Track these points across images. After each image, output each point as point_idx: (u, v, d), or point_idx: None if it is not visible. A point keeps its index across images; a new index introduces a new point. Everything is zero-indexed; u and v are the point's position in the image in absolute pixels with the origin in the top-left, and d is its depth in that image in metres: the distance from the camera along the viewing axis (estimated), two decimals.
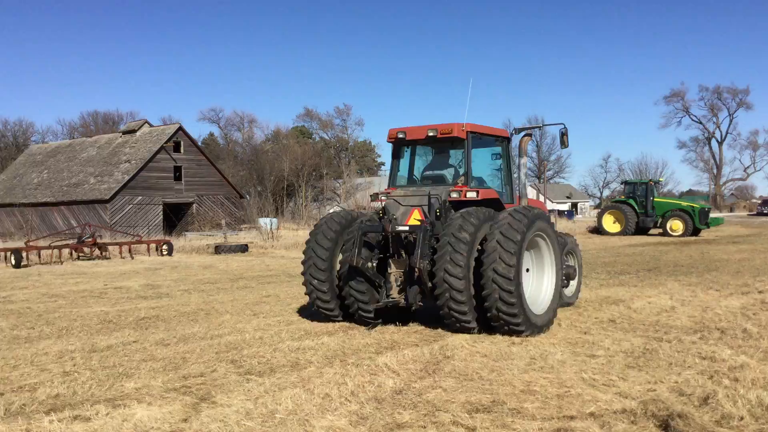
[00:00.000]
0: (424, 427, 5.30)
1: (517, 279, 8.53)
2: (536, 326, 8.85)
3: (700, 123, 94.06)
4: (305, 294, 10.46)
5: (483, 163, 10.61)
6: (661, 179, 32.46)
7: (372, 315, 9.62)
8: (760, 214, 68.16)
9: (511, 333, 8.69)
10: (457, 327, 8.97)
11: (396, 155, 10.62)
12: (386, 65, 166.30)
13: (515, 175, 10.98)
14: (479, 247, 8.87)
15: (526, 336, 8.66)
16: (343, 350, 8.30)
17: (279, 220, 56.13)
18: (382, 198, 10.20)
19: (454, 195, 9.57)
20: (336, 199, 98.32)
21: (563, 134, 10.70)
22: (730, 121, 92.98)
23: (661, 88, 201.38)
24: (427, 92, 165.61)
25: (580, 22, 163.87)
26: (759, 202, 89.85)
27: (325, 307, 10.08)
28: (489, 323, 8.85)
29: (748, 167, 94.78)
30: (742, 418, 5.10)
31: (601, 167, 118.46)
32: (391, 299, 9.52)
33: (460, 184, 9.82)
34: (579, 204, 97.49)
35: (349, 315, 10.00)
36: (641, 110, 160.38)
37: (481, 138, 10.28)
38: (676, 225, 32.64)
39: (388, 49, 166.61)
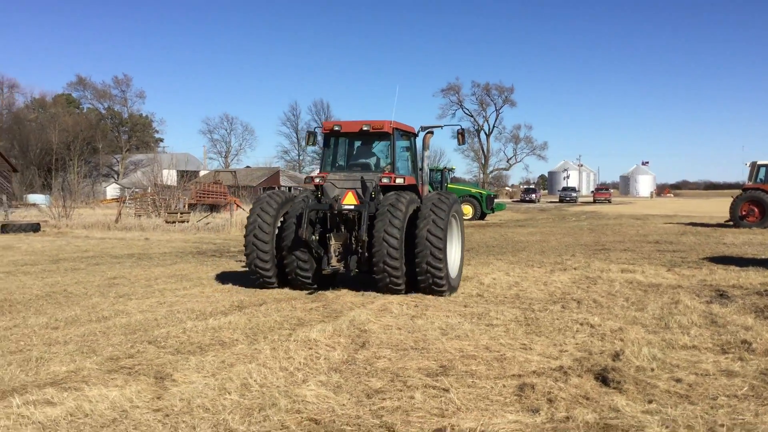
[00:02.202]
0: (401, 390, 5.87)
1: (446, 242, 10.46)
2: (452, 287, 10.97)
3: (472, 116, 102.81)
4: (245, 255, 11.48)
5: (398, 154, 12.07)
6: (453, 167, 35.39)
7: (310, 280, 11.17)
8: (523, 200, 76.62)
9: (433, 291, 10.61)
10: (388, 287, 10.62)
11: (327, 144, 12.14)
12: (171, 31, 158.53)
13: (420, 166, 12.83)
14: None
15: (446, 294, 10.64)
16: (257, 327, 8.49)
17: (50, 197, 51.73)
18: (317, 180, 11.62)
19: (385, 180, 11.25)
20: (113, 175, 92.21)
21: (460, 133, 12.90)
22: (497, 116, 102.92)
23: (439, 81, 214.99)
24: (201, 57, 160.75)
25: (360, 24, 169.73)
26: (511, 190, 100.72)
27: (263, 271, 11.32)
28: (415, 286, 10.75)
29: (510, 158, 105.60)
30: (652, 369, 6.36)
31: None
32: (333, 267, 11.01)
33: (387, 171, 11.52)
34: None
35: (284, 281, 11.50)
36: (422, 101, 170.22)
37: (400, 134, 12.00)
38: (466, 209, 35.79)
39: (166, 11, 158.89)
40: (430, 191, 13.21)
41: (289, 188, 71.64)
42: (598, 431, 4.88)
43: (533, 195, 78.50)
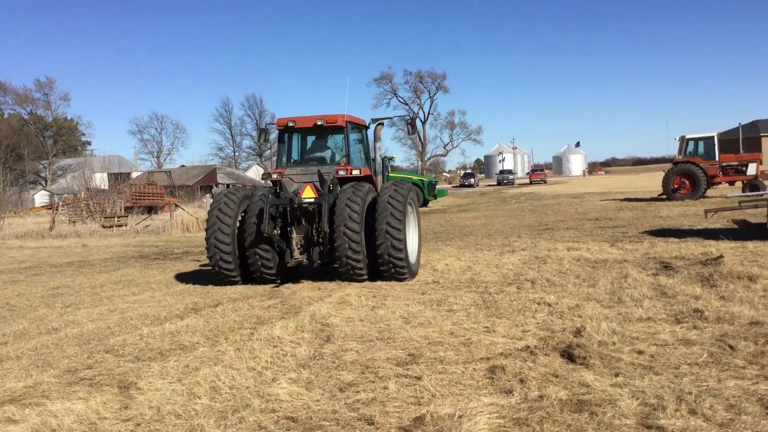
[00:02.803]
0: (374, 382, 5.85)
1: (404, 232, 10.88)
2: (412, 272, 11.41)
3: (406, 104, 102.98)
4: (207, 258, 11.64)
5: (352, 147, 12.39)
6: (393, 155, 35.40)
7: (274, 274, 11.37)
8: (462, 185, 77.45)
9: (395, 277, 11.00)
10: (351, 276, 11.01)
11: (282, 140, 12.50)
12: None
13: (372, 156, 13.13)
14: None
15: (407, 279, 11.08)
16: (216, 329, 8.33)
17: None
18: (275, 176, 11.86)
19: (342, 172, 11.62)
20: (40, 182, 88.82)
21: (410, 125, 14.39)
22: (431, 103, 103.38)
23: (372, 71, 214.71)
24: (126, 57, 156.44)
25: (289, 16, 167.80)
26: (449, 175, 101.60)
27: (227, 269, 11.45)
28: (377, 274, 11.12)
29: (447, 144, 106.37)
30: (614, 343, 6.53)
31: None
32: (296, 259, 11.23)
33: (343, 164, 11.94)
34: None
35: (248, 277, 11.67)
36: (356, 92, 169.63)
37: (352, 126, 12.36)
38: None
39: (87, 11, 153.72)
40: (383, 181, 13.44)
41: (252, 186, 70.70)
42: (573, 407, 4.97)
43: (472, 179, 79.48)
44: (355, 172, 11.72)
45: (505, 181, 79.29)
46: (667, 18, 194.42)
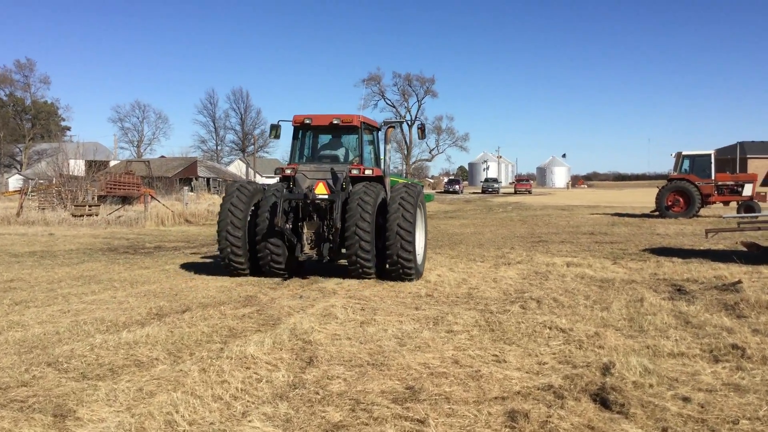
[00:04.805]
0: (367, 425, 4.78)
1: (414, 239, 11.04)
2: (419, 272, 11.56)
3: (394, 107, 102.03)
4: (218, 250, 11.70)
5: (364, 147, 12.54)
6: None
7: (282, 268, 11.40)
8: (447, 191, 76.50)
9: (403, 278, 11.11)
10: (359, 273, 11.14)
11: (296, 136, 12.57)
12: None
13: (382, 158, 13.06)
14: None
15: (413, 280, 11.21)
16: (180, 341, 7.20)
17: None
18: (288, 172, 11.96)
19: (355, 171, 11.76)
20: (15, 166, 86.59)
21: (421, 129, 13.67)
22: (419, 106, 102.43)
23: (360, 71, 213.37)
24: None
25: (280, 11, 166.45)
26: (432, 181, 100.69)
27: (237, 262, 11.58)
28: (383, 273, 11.43)
29: (432, 149, 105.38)
30: (651, 386, 5.51)
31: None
32: (306, 254, 11.32)
33: (356, 163, 12.09)
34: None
35: (256, 270, 11.74)
36: (344, 90, 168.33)
37: (365, 127, 12.52)
38: None
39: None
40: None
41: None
42: None
43: (456, 186, 78.64)
44: (368, 172, 11.86)
45: (490, 190, 78.55)
46: (655, 34, 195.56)
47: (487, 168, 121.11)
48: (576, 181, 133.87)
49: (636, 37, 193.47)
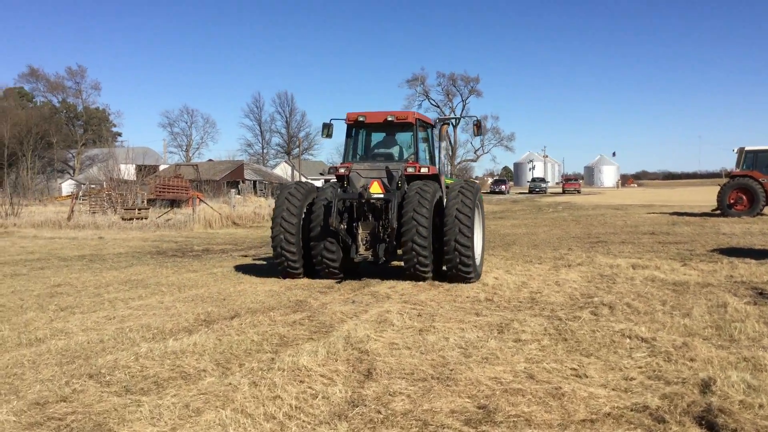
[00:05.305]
0: None
1: (473, 237, 10.61)
2: (477, 274, 11.09)
3: (438, 107, 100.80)
4: (272, 247, 11.42)
5: (419, 144, 12.08)
6: None
7: (337, 269, 11.12)
8: (493, 192, 75.29)
9: (461, 279, 10.70)
10: (415, 275, 10.75)
11: (350, 135, 12.24)
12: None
13: (436, 156, 12.70)
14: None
15: (472, 280, 10.80)
16: (229, 351, 6.76)
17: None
18: (342, 171, 11.62)
19: (410, 170, 11.40)
20: (68, 171, 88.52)
21: (477, 125, 13.70)
22: (463, 106, 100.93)
23: (405, 72, 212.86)
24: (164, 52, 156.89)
25: (324, 14, 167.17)
26: (477, 182, 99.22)
27: (291, 264, 11.30)
28: (440, 274, 11.15)
29: (477, 149, 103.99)
30: (761, 406, 4.81)
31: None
32: (362, 255, 10.97)
33: (411, 161, 11.63)
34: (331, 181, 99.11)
35: (310, 271, 11.50)
36: (388, 91, 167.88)
37: (420, 124, 12.09)
38: None
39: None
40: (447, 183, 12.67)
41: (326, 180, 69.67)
42: None
43: (503, 186, 77.34)
44: (424, 170, 11.47)
45: (537, 189, 77.10)
46: (705, 30, 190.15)
47: (533, 168, 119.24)
48: (626, 180, 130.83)
49: (686, 33, 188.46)
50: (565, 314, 8.29)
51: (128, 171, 43.58)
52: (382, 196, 10.91)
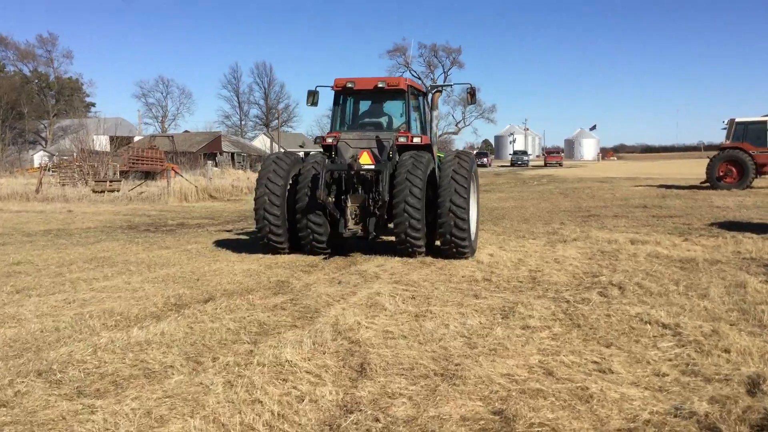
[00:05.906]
0: None
1: (468, 208, 10.09)
2: (473, 249, 10.54)
3: (419, 78, 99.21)
4: (256, 228, 10.83)
5: (411, 113, 11.44)
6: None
7: (324, 245, 10.52)
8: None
9: (456, 255, 10.12)
10: (406, 250, 10.19)
11: (337, 102, 11.53)
12: None
13: (428, 125, 11.97)
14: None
15: (468, 257, 10.18)
16: (202, 341, 5.95)
17: None
18: (330, 141, 10.97)
19: (402, 139, 10.74)
20: (40, 142, 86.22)
21: (470, 93, 12.18)
22: (445, 78, 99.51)
23: (386, 43, 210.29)
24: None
25: None
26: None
27: (276, 239, 10.67)
28: (432, 249, 10.52)
29: (459, 122, 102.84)
30: None
31: (328, 117, 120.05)
32: (351, 229, 10.39)
33: (403, 131, 10.98)
34: (311, 152, 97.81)
35: (296, 246, 10.83)
36: (368, 62, 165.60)
37: (412, 92, 11.44)
38: None
39: None
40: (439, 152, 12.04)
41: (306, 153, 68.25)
42: None
43: (485, 159, 76.70)
44: (416, 140, 10.81)
45: (519, 162, 76.58)
46: (682, 4, 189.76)
47: (514, 141, 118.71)
48: (605, 153, 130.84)
49: (665, 6, 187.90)
50: (572, 296, 7.57)
51: (101, 142, 42.15)
52: (372, 167, 10.33)
